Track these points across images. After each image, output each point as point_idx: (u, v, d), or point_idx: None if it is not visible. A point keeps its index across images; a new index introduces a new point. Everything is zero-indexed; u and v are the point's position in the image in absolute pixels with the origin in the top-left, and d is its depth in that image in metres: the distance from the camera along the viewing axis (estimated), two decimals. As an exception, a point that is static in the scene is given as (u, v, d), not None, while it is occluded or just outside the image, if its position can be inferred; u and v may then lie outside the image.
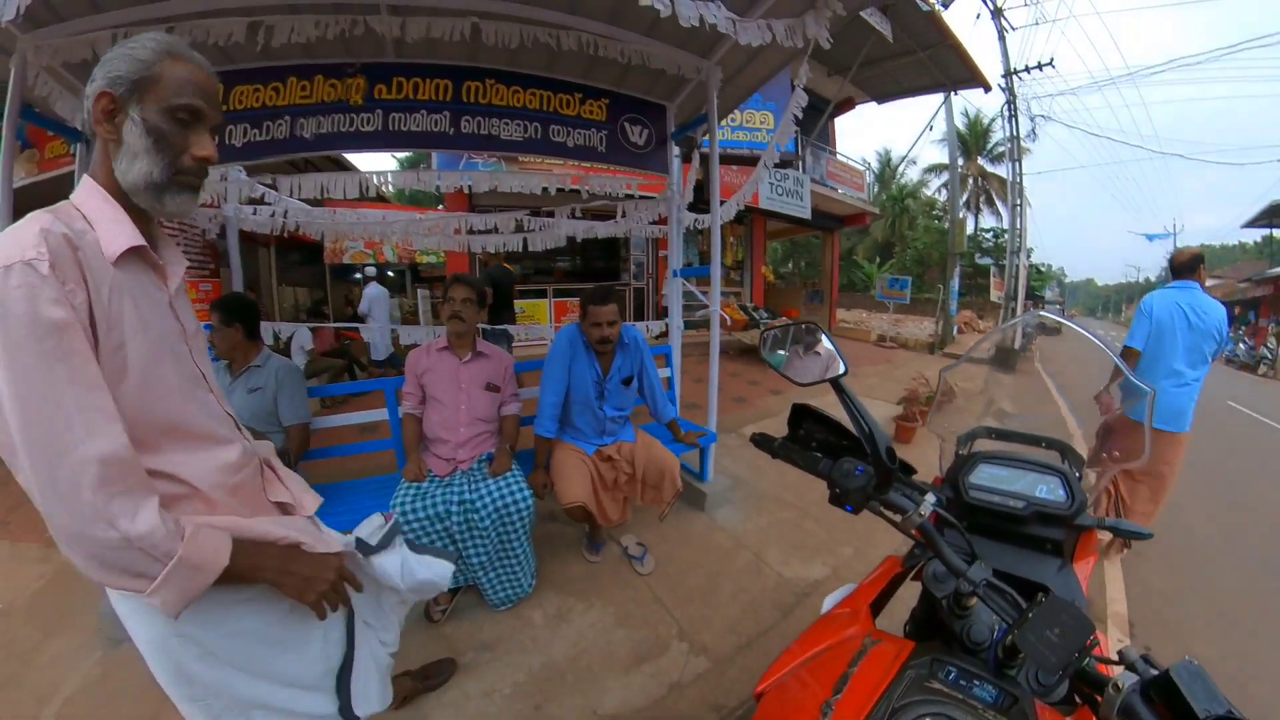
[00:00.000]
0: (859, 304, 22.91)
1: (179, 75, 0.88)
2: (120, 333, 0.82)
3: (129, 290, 0.84)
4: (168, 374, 0.90)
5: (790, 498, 3.40)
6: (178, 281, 0.99)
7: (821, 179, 12.00)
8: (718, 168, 3.29)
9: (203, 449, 0.97)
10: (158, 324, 0.90)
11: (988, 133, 26.79)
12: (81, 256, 0.77)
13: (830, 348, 1.02)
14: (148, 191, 0.87)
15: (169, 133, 0.87)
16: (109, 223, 0.85)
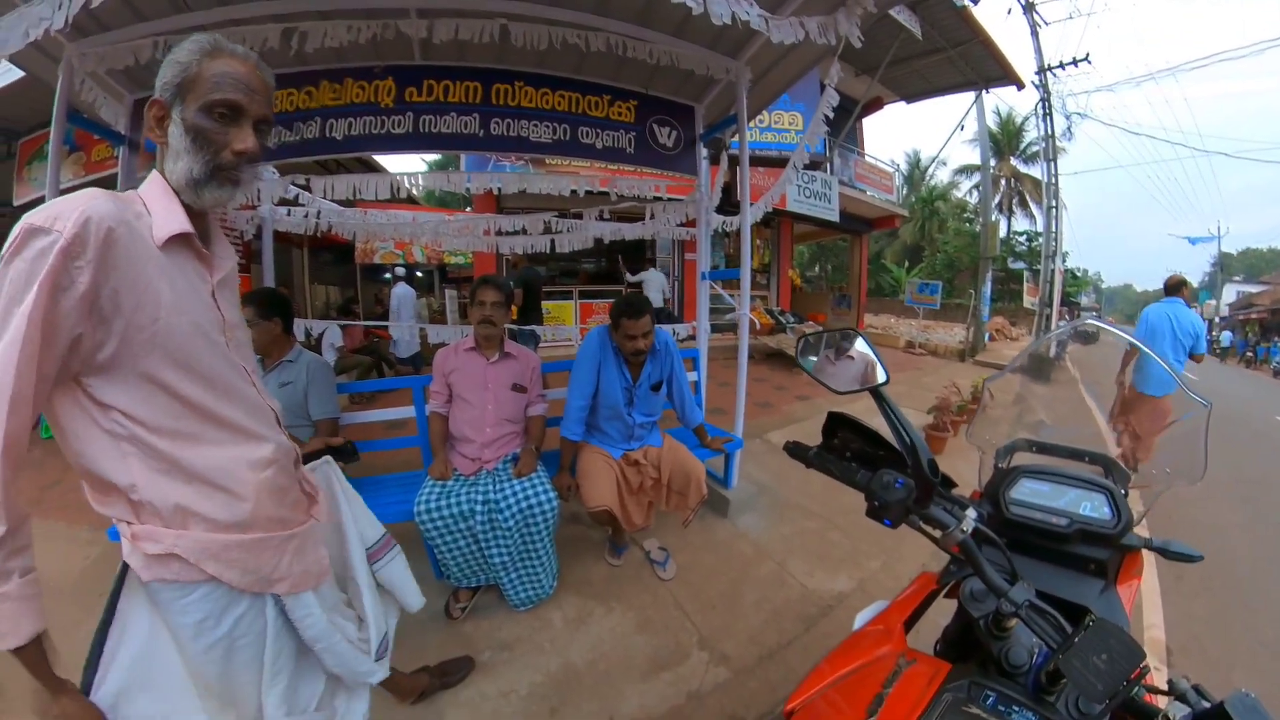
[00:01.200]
0: (887, 309, 22.41)
1: (216, 71, 0.90)
2: (154, 309, 0.85)
3: (168, 272, 0.88)
4: (201, 357, 0.93)
5: (816, 507, 3.32)
6: (223, 274, 1.03)
7: (850, 181, 11.79)
8: (747, 168, 3.26)
9: (236, 442, 0.99)
10: (194, 309, 0.93)
11: (1021, 132, 25.80)
12: (121, 239, 0.81)
13: (870, 355, 1.00)
14: (189, 188, 0.92)
15: (208, 129, 0.90)
16: (163, 211, 0.90)
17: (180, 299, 0.90)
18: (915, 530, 0.91)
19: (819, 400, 6.14)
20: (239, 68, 0.92)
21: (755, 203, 3.65)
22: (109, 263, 0.79)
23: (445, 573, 2.36)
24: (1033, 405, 1.54)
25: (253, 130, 0.94)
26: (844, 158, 11.93)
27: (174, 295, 0.88)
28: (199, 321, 0.93)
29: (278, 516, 1.04)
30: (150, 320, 0.85)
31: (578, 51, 2.92)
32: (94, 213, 0.78)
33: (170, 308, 0.87)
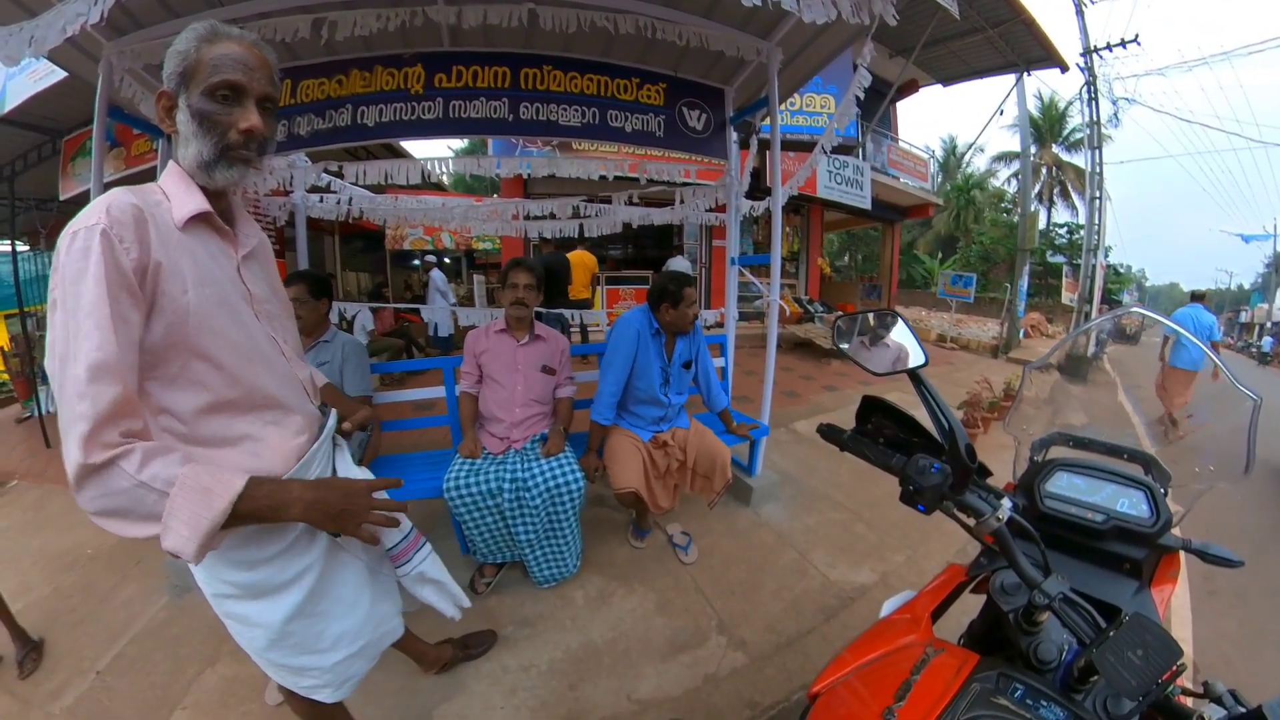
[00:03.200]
0: (918, 301, 21.76)
1: (215, 55, 0.93)
2: (182, 283, 0.91)
3: (190, 250, 0.94)
4: (227, 327, 0.97)
5: (841, 498, 3.29)
6: (248, 250, 1.08)
7: (882, 167, 11.44)
8: (779, 151, 3.19)
9: (268, 412, 1.04)
10: (218, 282, 0.98)
11: (1064, 117, 24.46)
12: (148, 218, 0.88)
13: (909, 337, 0.98)
14: (201, 170, 0.96)
15: (213, 112, 0.93)
16: (181, 195, 0.95)
17: (204, 274, 0.94)
18: (949, 517, 0.89)
19: (847, 391, 6.06)
20: (236, 49, 0.95)
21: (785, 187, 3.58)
22: (145, 239, 0.86)
23: (471, 548, 2.43)
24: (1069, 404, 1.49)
25: (257, 108, 0.96)
26: (877, 143, 11.55)
27: (198, 271, 0.93)
28: (225, 295, 0.99)
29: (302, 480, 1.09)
30: (180, 293, 0.90)
31: (606, 34, 2.88)
32: (115, 200, 0.86)
33: (196, 282, 0.92)
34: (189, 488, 0.81)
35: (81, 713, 2.02)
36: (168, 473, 0.81)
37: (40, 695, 2.12)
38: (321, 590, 1.14)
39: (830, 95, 9.94)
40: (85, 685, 2.14)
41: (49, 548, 3.17)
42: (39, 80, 4.95)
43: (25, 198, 6.89)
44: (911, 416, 1.01)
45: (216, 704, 1.96)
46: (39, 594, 2.72)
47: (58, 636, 2.43)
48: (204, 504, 0.82)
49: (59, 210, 6.84)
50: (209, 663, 2.12)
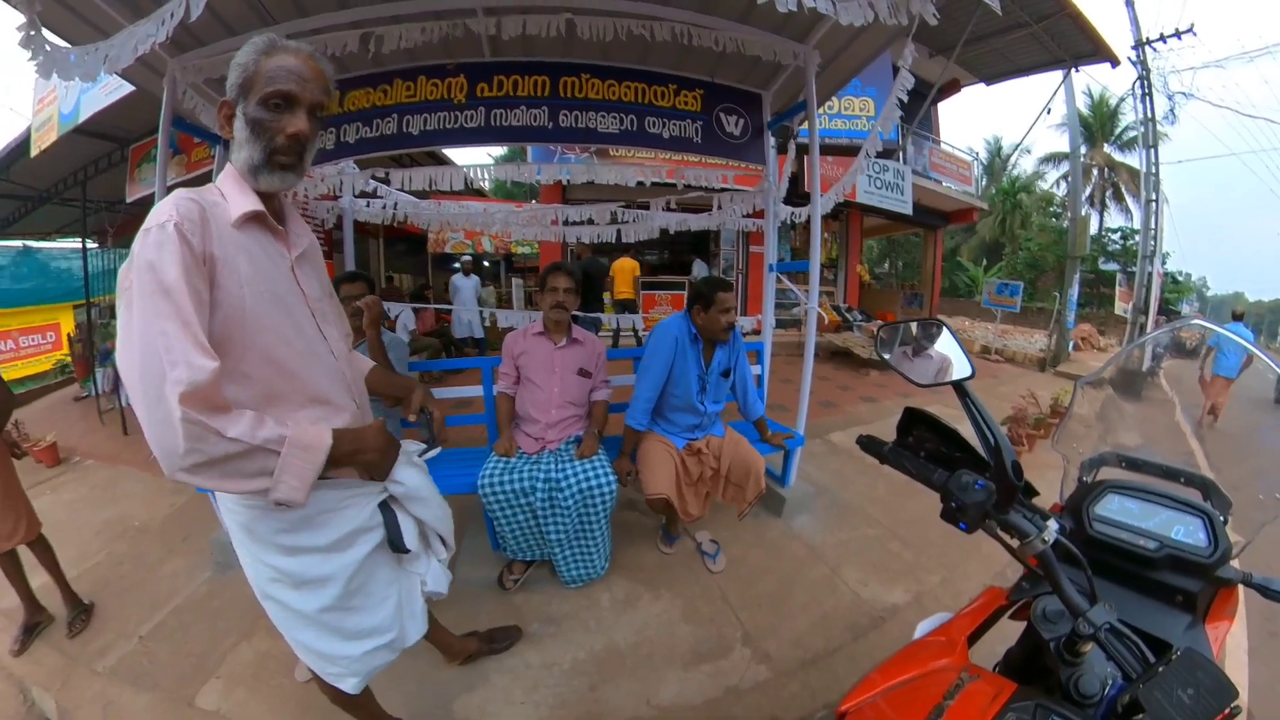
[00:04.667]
0: (961, 310, 21.08)
1: (271, 66, 1.00)
2: (238, 278, 0.97)
3: (246, 247, 1.00)
4: (281, 324, 1.03)
5: (877, 513, 3.19)
6: (300, 250, 1.14)
7: (924, 171, 11.01)
8: (818, 156, 3.15)
9: (318, 409, 1.09)
10: (272, 279, 1.04)
11: (1116, 115, 22.77)
12: (208, 216, 0.95)
13: (955, 347, 0.96)
14: (251, 173, 1.03)
15: (265, 119, 1.00)
16: (236, 195, 1.02)
17: (259, 272, 1.01)
18: (991, 537, 0.85)
19: (886, 402, 5.89)
20: (292, 60, 1.01)
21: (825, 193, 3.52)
22: (208, 233, 0.93)
23: (502, 545, 2.46)
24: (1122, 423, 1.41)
25: (307, 115, 1.03)
26: (918, 146, 11.13)
27: (253, 268, 0.99)
28: (279, 293, 1.05)
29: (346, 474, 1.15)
30: (236, 287, 0.96)
31: (643, 42, 2.91)
32: (181, 198, 0.93)
33: (250, 279, 0.98)
34: (296, 446, 0.93)
35: (123, 673, 2.17)
36: (276, 432, 0.91)
37: (86, 654, 2.30)
38: (357, 586, 1.20)
39: (869, 98, 9.72)
40: (128, 648, 2.31)
41: (109, 520, 3.44)
42: (109, 93, 5.29)
43: (95, 200, 7.37)
44: (955, 430, 0.98)
45: (249, 676, 2.07)
46: (93, 561, 2.96)
47: (106, 601, 2.62)
48: (308, 460, 0.94)
49: (125, 212, 7.30)
50: (244, 637, 2.24)
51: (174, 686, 2.06)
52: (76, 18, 2.55)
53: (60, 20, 2.54)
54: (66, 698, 2.09)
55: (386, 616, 1.27)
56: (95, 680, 2.15)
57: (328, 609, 1.17)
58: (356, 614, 1.22)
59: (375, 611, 1.25)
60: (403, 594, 1.33)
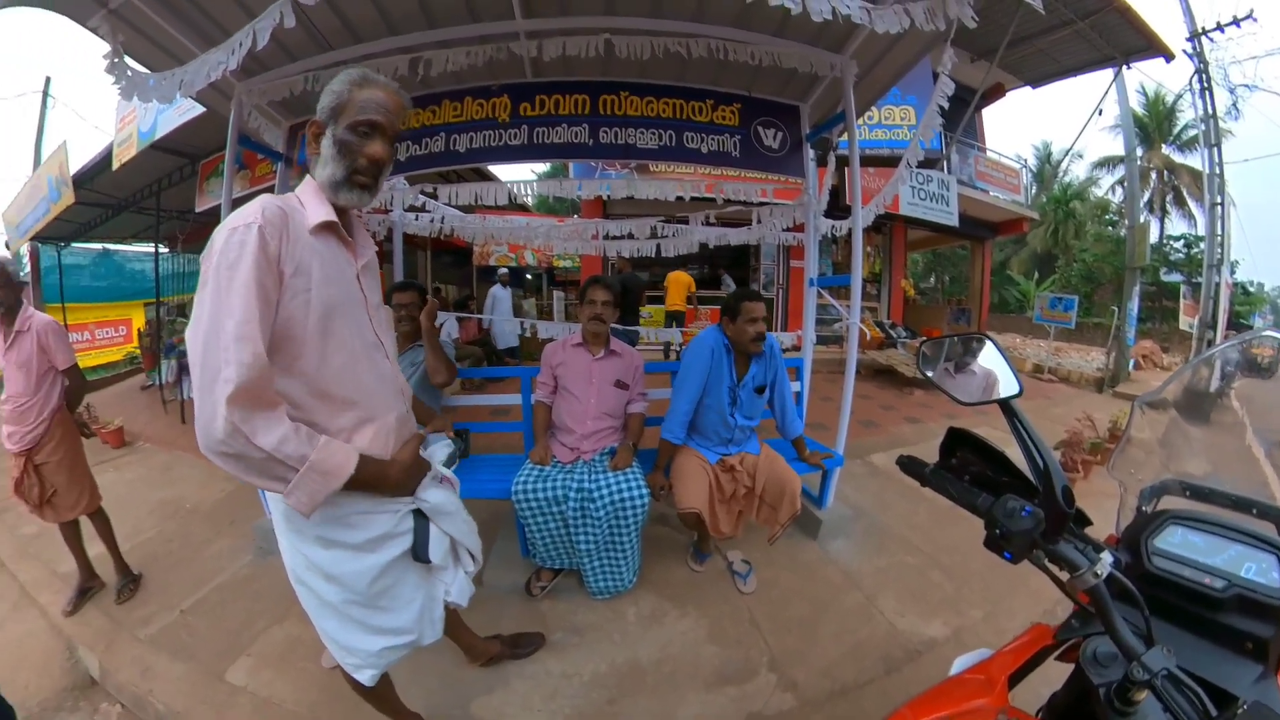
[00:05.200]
0: (1012, 327, 19.73)
1: (363, 97, 1.13)
2: (308, 279, 1.06)
3: (319, 253, 1.10)
4: (344, 328, 1.13)
5: (917, 540, 3.05)
6: (365, 260, 1.25)
7: (970, 180, 10.60)
8: (858, 168, 3.10)
9: (366, 410, 1.17)
10: (340, 285, 1.13)
11: (1173, 113, 21.17)
12: (289, 220, 1.04)
13: (1002, 363, 0.92)
14: (331, 188, 1.13)
15: (351, 142, 1.12)
16: (314, 205, 1.13)
17: (328, 276, 1.10)
18: (1039, 569, 0.80)
19: (930, 424, 5.66)
20: (381, 94, 1.14)
21: (866, 206, 3.46)
22: (287, 235, 1.03)
23: (532, 551, 2.48)
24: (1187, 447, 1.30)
25: (387, 142, 1.15)
26: (962, 154, 10.71)
27: (323, 272, 1.08)
28: (344, 298, 1.14)
29: None
30: (305, 287, 1.05)
31: (680, 59, 2.96)
32: (268, 204, 1.03)
33: (320, 281, 1.07)
34: (315, 471, 1.00)
35: (162, 642, 2.33)
36: (300, 451, 0.98)
37: (131, 621, 2.50)
38: (384, 587, 1.25)
39: (910, 106, 9.48)
40: (169, 619, 2.50)
41: (163, 500, 3.75)
42: (183, 114, 5.83)
43: (167, 210, 8.04)
44: (1002, 453, 0.92)
45: (278, 657, 2.18)
46: (146, 536, 3.23)
47: (154, 574, 2.86)
48: (323, 483, 1.01)
49: (194, 221, 7.94)
50: (277, 620, 2.36)
51: (208, 660, 2.19)
52: (155, 47, 2.79)
53: (141, 49, 2.78)
54: (109, 659, 2.26)
55: (409, 619, 1.31)
56: (136, 646, 2.32)
57: (351, 602, 1.22)
58: (382, 613, 1.27)
59: (400, 613, 1.30)
60: (427, 600, 1.36)
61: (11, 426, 2.52)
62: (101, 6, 2.47)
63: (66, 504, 2.61)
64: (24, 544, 3.44)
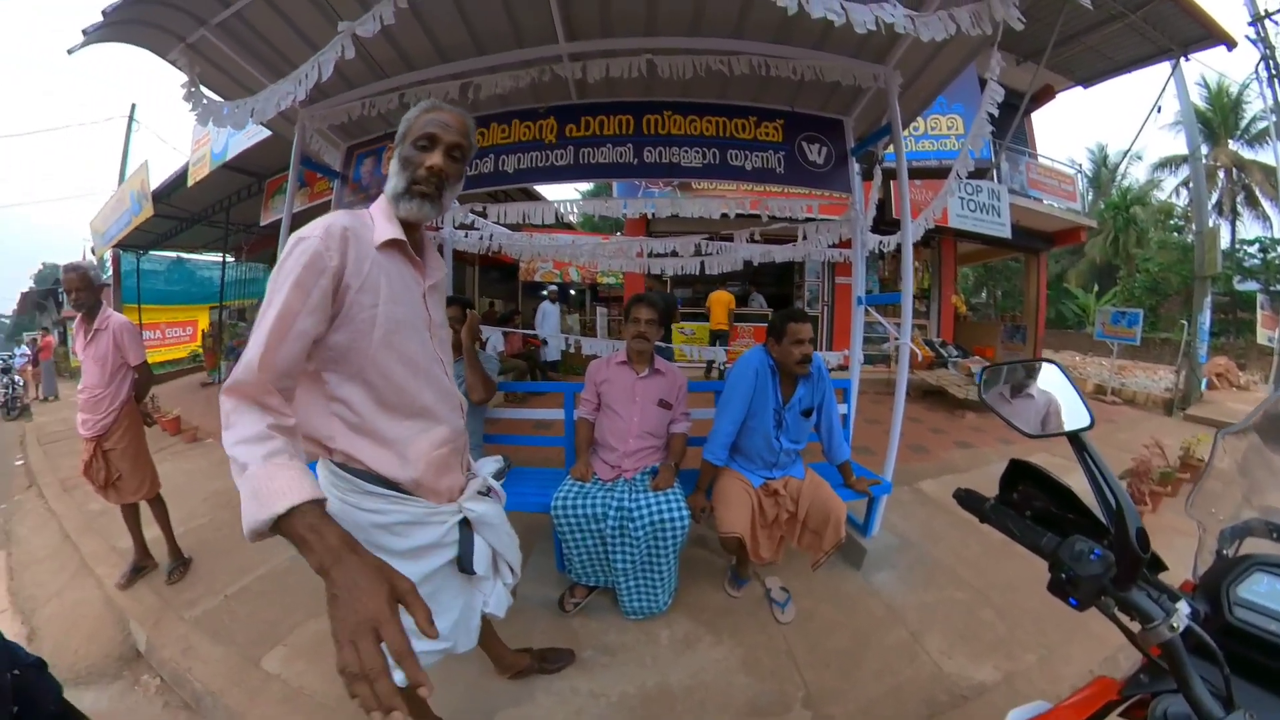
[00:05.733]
0: (1070, 344, 18.34)
1: (426, 119, 1.19)
2: (375, 296, 1.09)
3: (386, 270, 1.12)
4: (408, 344, 1.16)
5: (968, 575, 2.88)
6: (434, 280, 1.29)
7: (1022, 189, 10.09)
8: (906, 181, 3.03)
9: (422, 421, 1.21)
10: (406, 304, 1.16)
11: (1239, 105, 19.59)
12: (350, 237, 1.06)
13: (1070, 392, 0.88)
14: (392, 200, 1.18)
15: (411, 156, 1.18)
16: (383, 222, 1.16)
17: (395, 294, 1.13)
18: (1106, 616, 0.74)
19: (983, 449, 5.40)
20: (443, 115, 1.20)
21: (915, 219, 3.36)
22: (348, 251, 1.05)
23: (568, 567, 2.47)
24: (1274, 484, 1.17)
25: (445, 155, 1.18)
26: (1013, 162, 10.20)
27: (390, 290, 1.11)
28: (410, 316, 1.17)
29: (433, 488, 1.24)
30: (370, 304, 1.08)
31: (721, 76, 2.97)
32: (334, 220, 1.07)
33: (387, 299, 1.10)
34: (248, 485, 0.82)
35: (206, 624, 2.47)
36: (246, 457, 0.84)
37: (179, 602, 2.68)
38: (427, 593, 1.24)
39: (956, 115, 9.23)
40: (214, 603, 2.65)
41: (217, 491, 4.02)
42: (251, 137, 6.49)
43: (235, 223, 8.95)
44: (1067, 488, 0.87)
45: (310, 650, 2.26)
46: (198, 523, 3.48)
47: (203, 559, 3.07)
48: (253, 506, 0.80)
49: (258, 233, 8.64)
50: (313, 614, 2.46)
51: (246, 645, 2.30)
52: (226, 77, 3.02)
53: (214, 79, 3.02)
54: (156, 635, 2.42)
55: (446, 627, 1.32)
56: (181, 625, 2.48)
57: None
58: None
59: (438, 620, 1.28)
60: (465, 609, 1.37)
61: (85, 414, 2.79)
62: (180, 41, 2.70)
63: (129, 488, 2.86)
64: (89, 519, 3.82)
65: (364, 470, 1.14)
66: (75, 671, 2.32)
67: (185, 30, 2.66)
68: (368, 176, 3.56)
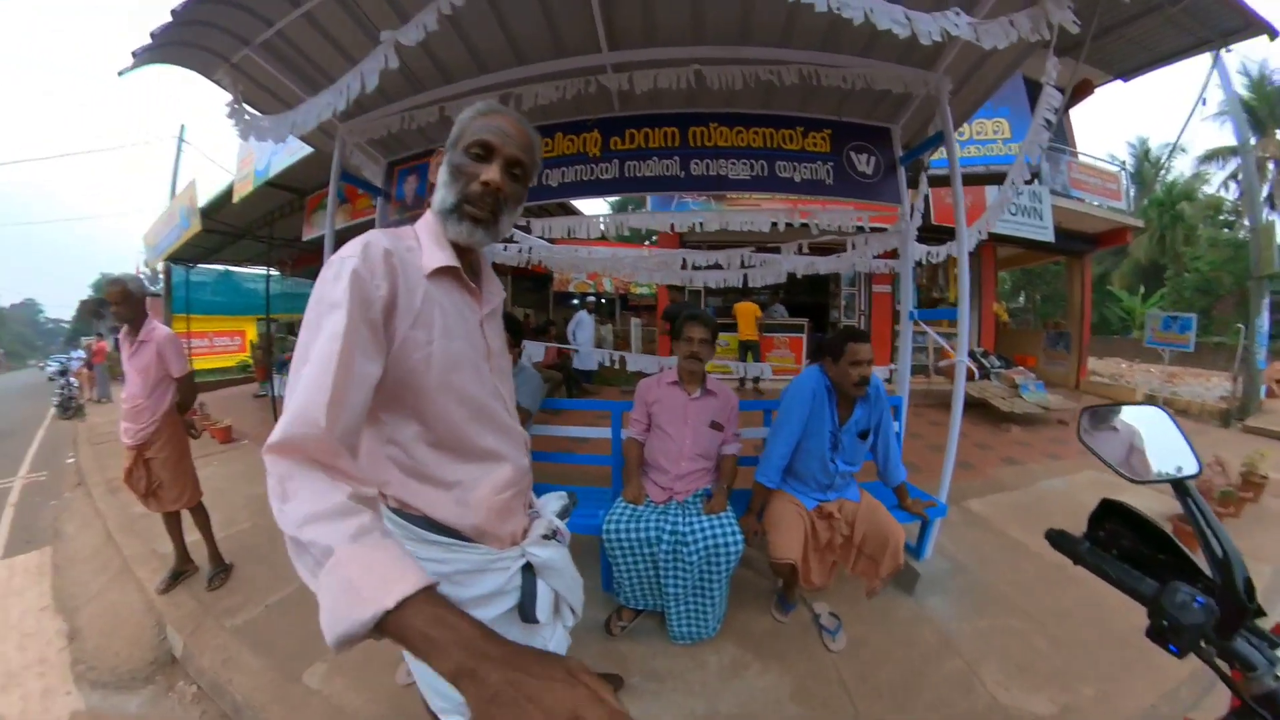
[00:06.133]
0: (1116, 351, 17.75)
1: (480, 124, 1.02)
2: (429, 332, 0.94)
3: (438, 301, 0.97)
4: (467, 383, 1.01)
5: (1022, 601, 2.75)
6: (491, 307, 1.13)
7: (1063, 189, 9.62)
8: (960, 189, 2.93)
9: (484, 464, 1.07)
10: (463, 336, 1.01)
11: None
12: (395, 263, 0.91)
13: (1177, 437, 0.86)
14: (440, 217, 1.02)
15: (463, 164, 1.01)
16: (431, 245, 1.00)
17: (450, 327, 0.98)
18: (1205, 663, 0.72)
19: (1031, 465, 5.18)
20: (500, 120, 1.03)
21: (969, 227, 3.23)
22: (396, 280, 0.90)
23: (617, 590, 2.43)
24: None
25: (504, 170, 1.01)
26: (1053, 161, 9.71)
27: (444, 324, 0.97)
28: (467, 350, 1.02)
29: (496, 534, 1.12)
30: (425, 342, 0.94)
31: (768, 87, 2.91)
32: (373, 240, 0.91)
33: (442, 334, 0.96)
34: (335, 577, 0.63)
35: (245, 634, 2.44)
36: (326, 539, 0.65)
37: (218, 609, 2.66)
38: None
39: (1002, 118, 8.96)
40: (255, 612, 2.61)
41: (260, 496, 4.03)
42: (292, 155, 6.61)
43: (278, 238, 9.19)
44: (1160, 529, 0.84)
45: (353, 667, 2.21)
46: (239, 528, 3.47)
47: (245, 565, 3.04)
48: (346, 603, 0.61)
49: (300, 248, 8.96)
50: None
51: (285, 659, 2.27)
52: (268, 94, 3.07)
53: (257, 97, 3.07)
54: (194, 642, 2.41)
55: None
56: (221, 634, 2.46)
57: None
58: None
59: None
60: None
61: (127, 423, 2.85)
62: (224, 61, 2.77)
63: (170, 497, 2.90)
64: (131, 521, 3.88)
65: (421, 516, 1.03)
66: (117, 675, 2.36)
67: (229, 50, 2.72)
68: (411, 194, 3.57)
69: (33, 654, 2.59)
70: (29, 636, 2.75)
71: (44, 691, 2.34)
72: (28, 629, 2.82)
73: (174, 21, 2.33)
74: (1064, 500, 4.19)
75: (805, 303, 10.58)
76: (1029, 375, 7.79)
